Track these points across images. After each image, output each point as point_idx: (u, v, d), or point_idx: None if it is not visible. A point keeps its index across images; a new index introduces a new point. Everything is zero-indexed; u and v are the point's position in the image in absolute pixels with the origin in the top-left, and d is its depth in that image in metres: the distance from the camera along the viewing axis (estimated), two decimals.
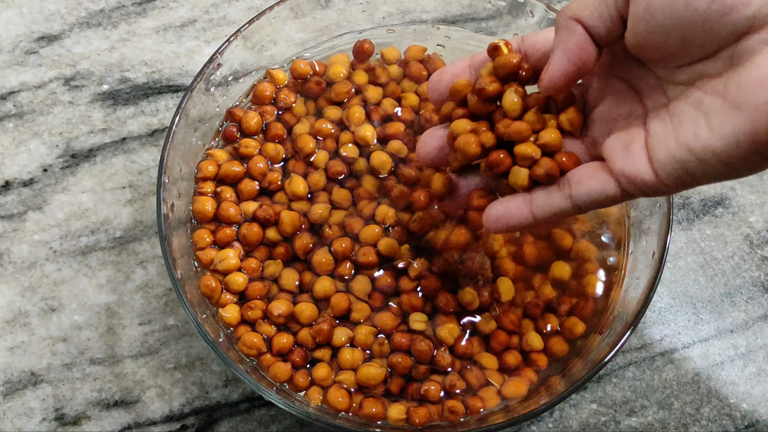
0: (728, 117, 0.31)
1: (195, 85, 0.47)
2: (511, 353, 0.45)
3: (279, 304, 0.44)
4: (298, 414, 0.41)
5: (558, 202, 0.38)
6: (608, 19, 0.34)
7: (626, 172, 0.35)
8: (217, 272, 0.46)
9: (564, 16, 0.35)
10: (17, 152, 0.56)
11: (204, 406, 0.50)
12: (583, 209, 0.38)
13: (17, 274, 0.53)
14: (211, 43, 0.60)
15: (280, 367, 0.44)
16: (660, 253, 0.43)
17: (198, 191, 0.48)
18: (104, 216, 0.54)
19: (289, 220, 0.46)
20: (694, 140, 0.32)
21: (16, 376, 0.50)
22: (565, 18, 0.35)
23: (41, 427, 0.49)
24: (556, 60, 0.36)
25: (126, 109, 0.58)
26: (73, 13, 0.61)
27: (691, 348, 0.52)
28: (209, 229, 0.47)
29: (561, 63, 0.36)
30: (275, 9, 0.50)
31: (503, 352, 0.45)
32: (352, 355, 0.44)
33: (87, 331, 0.51)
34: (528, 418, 0.41)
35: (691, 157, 0.33)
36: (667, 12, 0.32)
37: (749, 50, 0.31)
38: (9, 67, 0.59)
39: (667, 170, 0.34)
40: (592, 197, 0.37)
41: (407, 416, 0.43)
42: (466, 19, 0.54)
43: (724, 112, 0.31)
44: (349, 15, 0.53)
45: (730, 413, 0.50)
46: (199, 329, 0.42)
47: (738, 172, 0.33)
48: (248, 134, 0.50)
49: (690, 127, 0.33)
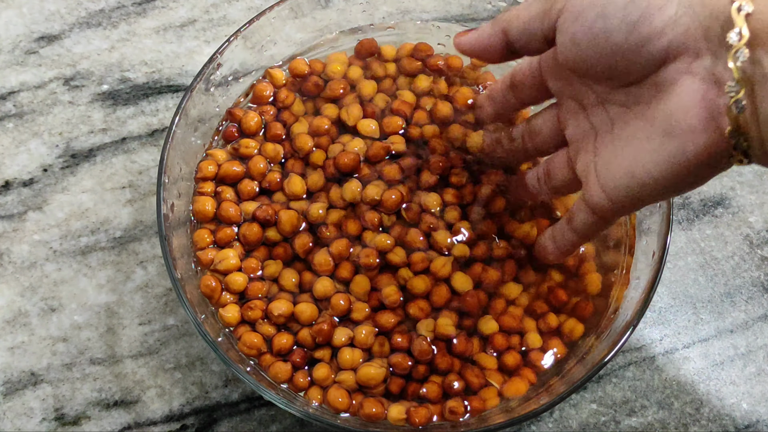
0: (660, 144, 0.34)
1: (195, 85, 0.47)
2: (511, 354, 0.45)
3: (279, 304, 0.44)
4: (298, 414, 0.41)
5: (570, 238, 0.42)
6: (533, 39, 0.38)
7: (588, 200, 0.38)
8: (217, 272, 0.46)
9: (498, 22, 0.40)
10: (17, 152, 0.56)
11: (204, 406, 0.50)
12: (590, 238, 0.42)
13: (17, 274, 0.53)
14: (211, 43, 0.60)
15: (280, 367, 0.44)
16: (660, 253, 0.43)
17: (198, 191, 0.48)
18: (104, 216, 0.54)
19: (287, 219, 0.46)
20: (634, 167, 0.35)
21: (16, 376, 0.50)
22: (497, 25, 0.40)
23: (41, 427, 0.49)
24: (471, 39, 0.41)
25: (126, 109, 0.58)
26: (73, 13, 0.61)
27: (691, 348, 0.52)
28: (209, 229, 0.47)
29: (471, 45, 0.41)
30: (275, 9, 0.50)
31: (503, 353, 0.45)
32: (351, 355, 0.44)
33: (87, 331, 0.51)
34: (528, 418, 0.41)
35: (633, 183, 0.35)
36: (590, 44, 0.34)
37: (669, 79, 0.33)
38: (9, 67, 0.59)
39: (616, 195, 0.36)
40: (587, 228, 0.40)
41: (407, 416, 0.43)
42: (466, 19, 0.54)
43: (656, 139, 0.34)
44: (349, 15, 0.53)
45: (730, 413, 0.50)
46: (199, 329, 0.42)
47: (679, 190, 0.36)
48: (248, 134, 0.50)
49: (630, 154, 0.35)
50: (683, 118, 0.33)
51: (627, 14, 0.33)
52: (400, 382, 0.44)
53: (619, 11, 0.33)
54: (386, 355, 0.44)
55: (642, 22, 0.33)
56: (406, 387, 0.44)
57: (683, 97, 0.33)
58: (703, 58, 0.32)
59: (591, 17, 0.34)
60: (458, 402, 0.43)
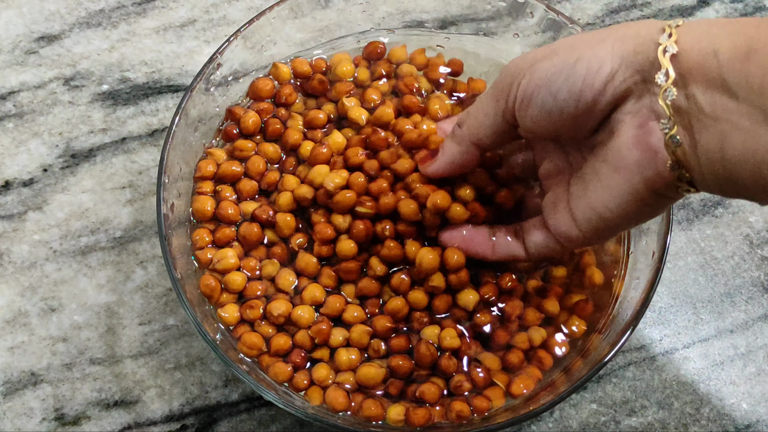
0: (612, 179, 0.37)
1: (195, 85, 0.47)
2: (514, 352, 0.45)
3: (279, 305, 0.44)
4: (297, 414, 0.41)
5: (515, 250, 0.43)
6: (503, 137, 0.41)
7: (555, 228, 0.41)
8: (216, 271, 0.46)
9: (463, 138, 0.42)
10: (17, 152, 0.56)
11: (204, 406, 0.50)
12: (535, 258, 0.43)
13: (17, 274, 0.53)
14: (211, 43, 0.60)
15: (280, 368, 0.44)
16: (660, 253, 0.43)
17: (197, 190, 0.48)
18: (104, 216, 0.54)
19: (284, 222, 0.46)
20: (595, 201, 0.38)
21: (16, 376, 0.50)
22: (464, 140, 0.42)
23: (41, 427, 0.49)
24: (441, 164, 0.43)
25: (126, 109, 0.58)
26: (73, 13, 0.61)
27: (691, 348, 0.52)
28: (208, 229, 0.47)
29: (442, 168, 0.43)
30: (275, 9, 0.50)
31: (506, 352, 0.45)
32: (348, 356, 0.44)
33: (87, 331, 0.51)
34: (528, 418, 0.41)
35: (595, 216, 0.38)
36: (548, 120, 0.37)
37: (618, 120, 0.36)
38: (9, 67, 0.59)
39: (585, 226, 0.39)
40: (539, 249, 0.42)
41: (405, 417, 0.43)
42: (466, 19, 0.54)
43: (609, 175, 0.37)
44: (349, 15, 0.53)
45: (730, 413, 0.50)
46: (199, 329, 0.42)
47: (640, 220, 0.40)
48: (246, 134, 0.49)
49: (592, 189, 0.38)
50: (628, 154, 0.36)
51: (571, 86, 0.36)
52: (399, 384, 0.44)
53: (564, 85, 0.36)
54: (384, 356, 0.44)
55: (585, 90, 0.36)
56: (406, 388, 0.44)
57: (627, 135, 0.36)
58: (643, 98, 0.35)
59: (541, 98, 0.37)
60: (464, 405, 0.43)
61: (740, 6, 0.62)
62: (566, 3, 0.62)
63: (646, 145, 0.35)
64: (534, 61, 0.37)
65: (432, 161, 0.43)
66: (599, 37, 0.36)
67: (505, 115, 0.39)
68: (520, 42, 0.52)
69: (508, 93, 0.38)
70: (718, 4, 0.62)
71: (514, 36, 0.52)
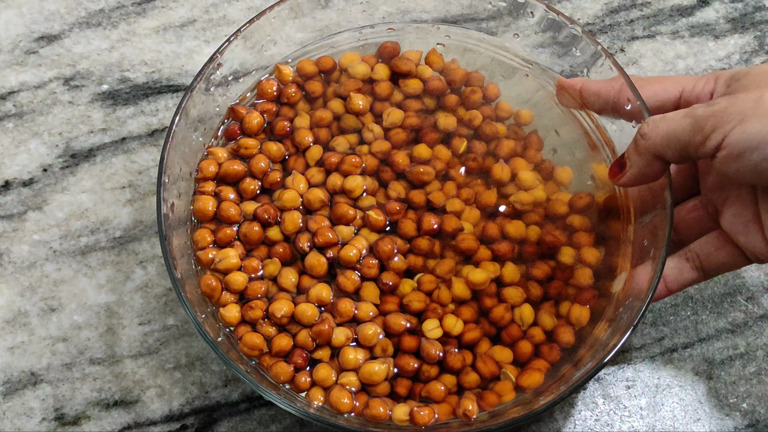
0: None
1: (195, 84, 0.47)
2: (524, 342, 0.45)
3: (281, 305, 0.44)
4: (299, 414, 0.41)
5: (690, 276, 0.44)
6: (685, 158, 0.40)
7: (750, 247, 0.41)
8: (218, 271, 0.46)
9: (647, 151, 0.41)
10: (17, 152, 0.56)
11: (204, 406, 0.50)
12: (712, 276, 0.44)
13: (17, 274, 0.53)
14: (211, 43, 0.60)
15: (282, 368, 0.44)
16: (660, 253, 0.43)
17: (199, 190, 0.48)
18: (104, 216, 0.54)
19: (290, 219, 0.46)
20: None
21: (16, 376, 0.50)
22: (647, 152, 0.41)
23: (41, 427, 0.49)
24: (629, 177, 0.43)
25: (126, 109, 0.58)
26: (73, 13, 0.61)
27: (692, 348, 0.52)
28: (209, 229, 0.47)
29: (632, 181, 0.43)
30: (275, 9, 0.50)
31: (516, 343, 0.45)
32: (355, 355, 0.44)
33: (87, 331, 0.51)
34: (528, 418, 0.41)
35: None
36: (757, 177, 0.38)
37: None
38: (9, 67, 0.59)
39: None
40: (721, 268, 0.43)
41: (410, 417, 0.42)
42: (466, 19, 0.54)
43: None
44: (349, 15, 0.53)
45: (730, 413, 0.50)
46: (199, 329, 0.42)
47: None
48: (249, 134, 0.49)
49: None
50: None
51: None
52: (408, 383, 0.44)
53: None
54: (391, 355, 0.44)
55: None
56: (414, 387, 0.44)
57: None
58: None
59: (754, 159, 0.36)
60: (472, 401, 0.43)
61: (740, 6, 0.62)
62: (566, 3, 0.62)
63: None
64: (743, 115, 0.36)
65: (621, 174, 0.43)
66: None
67: (697, 150, 0.39)
68: (520, 42, 0.52)
69: (708, 136, 0.38)
70: (718, 4, 0.62)
71: (514, 36, 0.52)
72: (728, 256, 0.43)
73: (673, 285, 0.44)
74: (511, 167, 0.49)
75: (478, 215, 0.48)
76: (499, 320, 0.45)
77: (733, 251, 0.42)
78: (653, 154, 0.41)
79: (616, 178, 0.43)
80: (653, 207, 0.45)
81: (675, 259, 0.44)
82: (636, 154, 0.42)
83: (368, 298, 0.45)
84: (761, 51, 0.61)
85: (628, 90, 0.45)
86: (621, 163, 0.43)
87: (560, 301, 0.46)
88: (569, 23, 0.49)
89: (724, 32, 0.61)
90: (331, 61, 0.52)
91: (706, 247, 0.43)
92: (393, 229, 0.47)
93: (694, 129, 0.38)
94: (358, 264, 0.46)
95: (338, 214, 0.47)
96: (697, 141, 0.38)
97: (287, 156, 0.49)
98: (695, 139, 0.38)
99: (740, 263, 0.43)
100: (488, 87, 0.51)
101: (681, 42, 0.61)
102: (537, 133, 0.50)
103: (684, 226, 0.46)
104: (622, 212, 0.48)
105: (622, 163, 0.43)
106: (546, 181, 0.49)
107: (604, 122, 0.49)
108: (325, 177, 0.48)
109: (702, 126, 0.38)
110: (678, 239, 0.46)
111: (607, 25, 0.62)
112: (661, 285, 0.44)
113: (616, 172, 0.43)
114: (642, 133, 0.41)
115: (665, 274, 0.44)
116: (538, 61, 0.52)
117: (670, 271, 0.44)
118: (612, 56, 0.47)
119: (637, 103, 0.44)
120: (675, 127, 0.39)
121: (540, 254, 0.47)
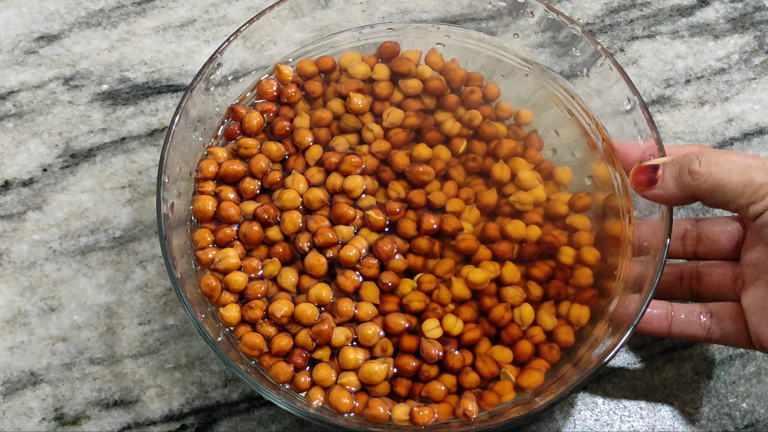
0: None
1: (195, 84, 0.47)
2: (524, 342, 0.45)
3: (281, 305, 0.44)
4: (299, 414, 0.41)
5: (695, 330, 0.44)
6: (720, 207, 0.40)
7: (758, 331, 0.41)
8: (217, 271, 0.46)
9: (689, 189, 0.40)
10: (17, 152, 0.56)
11: (204, 406, 0.50)
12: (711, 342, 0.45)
13: (17, 274, 0.53)
14: (211, 43, 0.60)
15: (281, 368, 0.44)
16: (660, 253, 0.43)
17: (198, 190, 0.48)
18: (104, 216, 0.54)
19: (290, 219, 0.46)
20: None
21: (16, 375, 0.50)
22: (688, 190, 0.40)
23: (41, 427, 0.49)
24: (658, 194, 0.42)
25: (126, 108, 0.58)
26: (73, 13, 0.61)
27: (691, 348, 0.52)
28: (209, 229, 0.47)
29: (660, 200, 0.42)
30: (275, 9, 0.50)
31: (516, 343, 0.45)
32: (355, 355, 0.44)
33: (86, 331, 0.51)
34: (528, 418, 0.41)
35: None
36: None
37: None
38: (8, 67, 0.59)
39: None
40: (727, 340, 0.43)
41: (410, 417, 0.42)
42: (466, 19, 0.54)
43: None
44: (349, 15, 0.53)
45: (729, 413, 0.50)
46: (199, 329, 0.42)
47: None
48: (249, 134, 0.49)
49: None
50: None
51: None
52: (407, 383, 0.44)
53: None
54: (390, 355, 0.44)
55: None
56: (413, 387, 0.44)
57: None
58: None
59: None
60: (472, 401, 0.43)
61: (740, 6, 0.62)
62: (566, 3, 0.62)
63: None
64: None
65: (651, 188, 0.42)
66: None
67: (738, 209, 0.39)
68: (520, 41, 0.52)
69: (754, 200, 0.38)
70: (718, 4, 0.62)
71: (514, 36, 0.52)
72: (735, 331, 0.43)
73: (676, 328, 0.44)
74: (511, 167, 0.49)
75: (478, 215, 0.48)
76: (499, 320, 0.45)
77: (741, 329, 0.43)
78: (693, 194, 0.40)
79: (640, 187, 0.42)
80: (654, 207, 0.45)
81: (693, 308, 0.44)
82: (675, 184, 0.41)
83: (368, 298, 0.45)
84: (761, 51, 0.61)
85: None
86: (652, 178, 0.42)
87: (560, 300, 0.46)
88: (569, 23, 0.49)
89: (723, 32, 0.61)
90: (330, 61, 0.52)
91: (722, 312, 0.44)
92: (393, 229, 0.47)
93: (745, 191, 0.39)
94: (357, 264, 0.46)
95: (338, 214, 0.47)
96: (742, 203, 0.39)
97: (287, 156, 0.49)
98: (741, 201, 0.39)
99: (743, 344, 0.43)
100: (488, 87, 0.51)
101: (681, 42, 0.61)
102: (537, 133, 0.50)
103: (709, 281, 0.46)
104: (622, 212, 0.48)
105: (653, 178, 0.41)
106: (546, 181, 0.49)
107: (604, 122, 0.49)
108: (324, 177, 0.48)
109: (754, 191, 0.38)
110: (698, 290, 0.47)
111: (607, 25, 0.62)
112: (665, 321, 0.44)
113: (644, 183, 0.42)
114: (692, 170, 0.40)
115: (675, 312, 0.44)
116: (537, 61, 0.52)
117: (682, 315, 0.44)
118: (612, 56, 0.47)
119: None
120: (728, 182, 0.39)
121: (540, 254, 0.47)
